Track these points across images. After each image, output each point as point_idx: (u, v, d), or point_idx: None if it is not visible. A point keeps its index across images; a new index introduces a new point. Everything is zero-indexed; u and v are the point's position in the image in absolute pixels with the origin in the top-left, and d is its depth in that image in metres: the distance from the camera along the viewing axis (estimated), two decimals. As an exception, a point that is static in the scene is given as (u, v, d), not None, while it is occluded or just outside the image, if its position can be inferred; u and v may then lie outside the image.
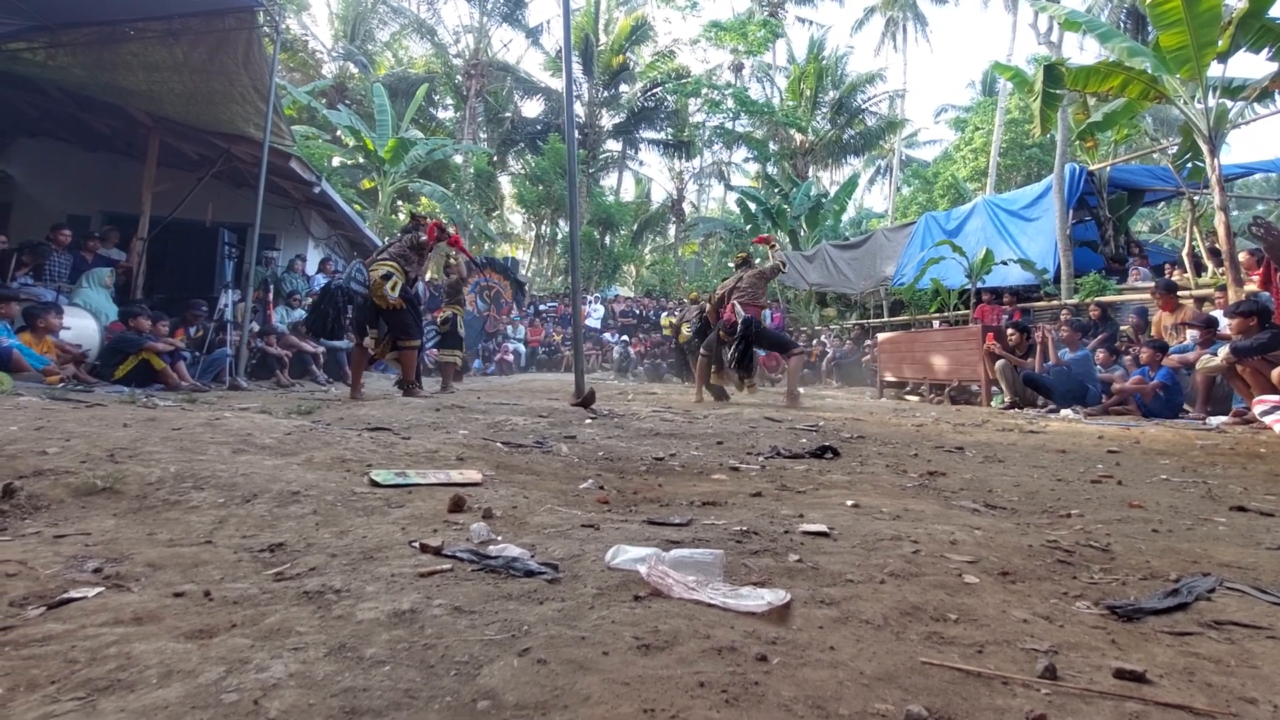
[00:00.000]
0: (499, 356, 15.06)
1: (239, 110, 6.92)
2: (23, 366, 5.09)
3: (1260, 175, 15.77)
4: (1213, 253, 7.90)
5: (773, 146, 25.12)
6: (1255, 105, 7.78)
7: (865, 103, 25.06)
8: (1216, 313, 6.16)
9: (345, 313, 5.63)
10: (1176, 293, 7.05)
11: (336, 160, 18.95)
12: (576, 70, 25.16)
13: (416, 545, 1.40)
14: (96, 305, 6.68)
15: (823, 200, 19.26)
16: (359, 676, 0.83)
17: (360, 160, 17.85)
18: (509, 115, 27.10)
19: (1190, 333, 5.96)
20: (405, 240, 5.67)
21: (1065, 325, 7.38)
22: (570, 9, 5.46)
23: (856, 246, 14.82)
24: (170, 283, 8.23)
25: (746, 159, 29.66)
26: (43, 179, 9.16)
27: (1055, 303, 9.36)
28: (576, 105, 25.81)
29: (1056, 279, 9.54)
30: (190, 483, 1.77)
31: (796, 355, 7.24)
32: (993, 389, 7.38)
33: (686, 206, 30.68)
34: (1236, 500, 2.20)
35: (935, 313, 11.78)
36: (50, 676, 0.81)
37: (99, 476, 1.73)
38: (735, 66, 27.83)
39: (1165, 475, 2.72)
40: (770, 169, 24.34)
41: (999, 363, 7.08)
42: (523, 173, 26.38)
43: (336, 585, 1.15)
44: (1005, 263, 10.09)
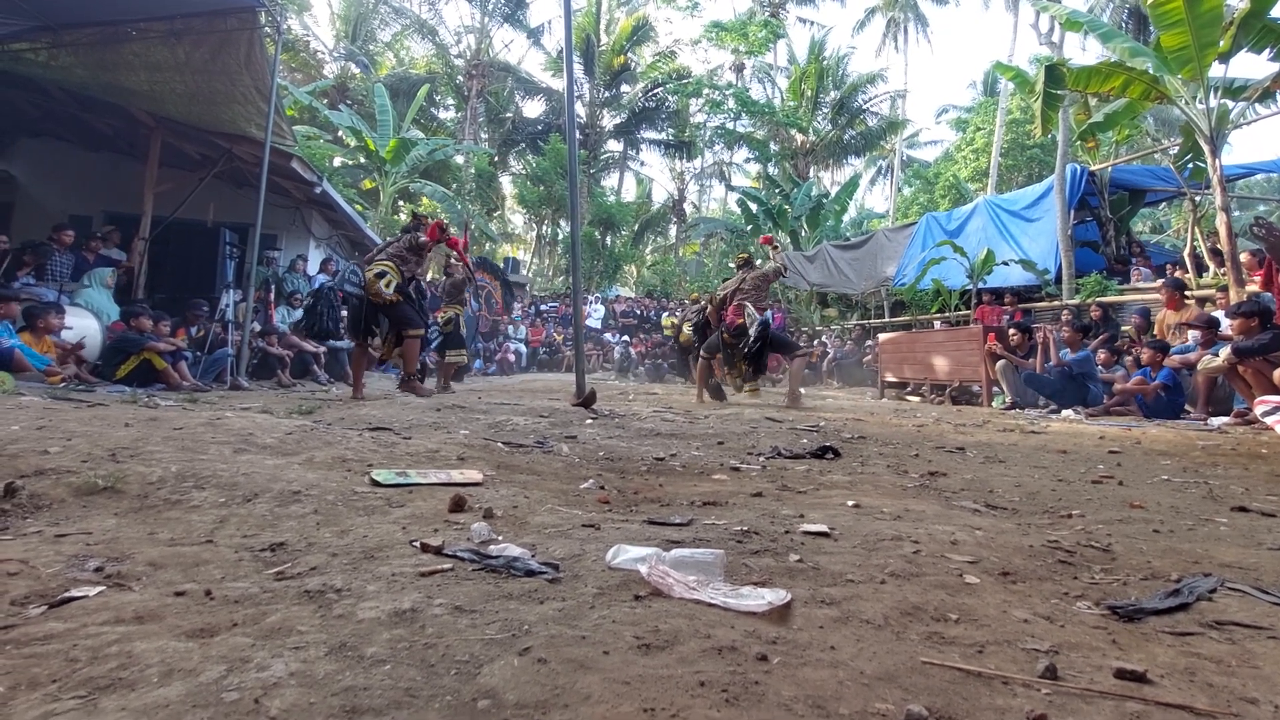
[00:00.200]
0: (500, 356, 15.06)
1: (240, 110, 6.94)
2: (24, 366, 5.09)
3: (1262, 175, 15.74)
4: (1214, 253, 7.89)
5: (774, 147, 25.09)
6: (1257, 105, 7.79)
7: (866, 103, 25.06)
8: (1218, 313, 6.15)
9: (338, 313, 5.62)
10: (1184, 291, 7.03)
11: (338, 160, 18.96)
12: (577, 71, 25.18)
13: (417, 545, 1.41)
14: (98, 305, 6.69)
15: (824, 201, 19.25)
16: (359, 675, 0.83)
17: (361, 160, 17.86)
18: (510, 115, 27.10)
19: (1191, 333, 5.95)
20: (404, 240, 5.67)
21: (1066, 326, 7.37)
22: (571, 9, 5.46)
23: (857, 247, 14.81)
24: (172, 283, 8.26)
25: (747, 159, 29.65)
26: (45, 179, 9.17)
27: (1056, 303, 9.34)
28: (577, 105, 25.85)
29: (1058, 279, 9.52)
30: (191, 482, 1.78)
31: (799, 357, 7.23)
32: (994, 389, 7.37)
33: (687, 207, 30.66)
34: (1238, 501, 2.20)
35: (936, 313, 11.77)
36: (51, 675, 0.82)
37: (100, 476, 1.74)
38: (736, 67, 27.81)
39: (1166, 476, 2.71)
40: (771, 169, 24.33)
41: (999, 363, 7.08)
42: (524, 173, 26.38)
43: (337, 584, 1.15)
44: (1006, 263, 10.08)
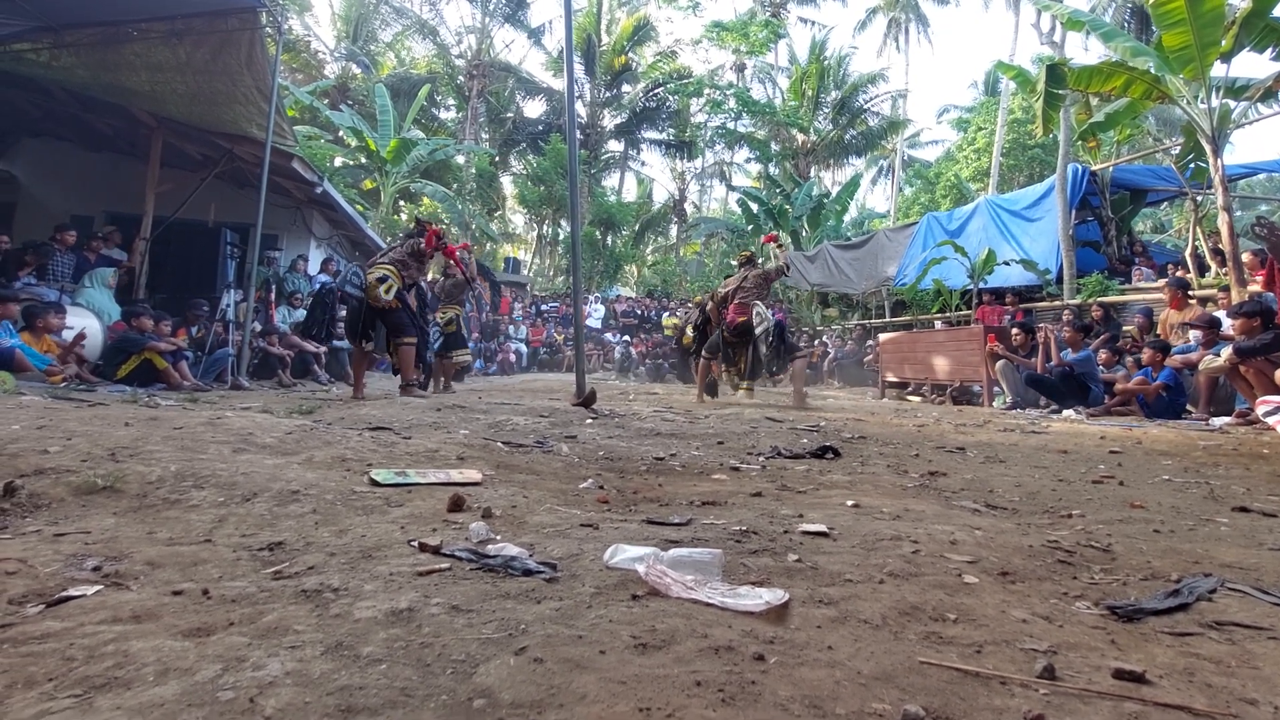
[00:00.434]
0: (501, 356, 15.07)
1: (242, 110, 6.94)
2: (25, 366, 5.10)
3: (1264, 175, 15.72)
4: (1216, 253, 7.88)
5: (774, 147, 25.08)
6: (1259, 105, 7.78)
7: (867, 103, 25.04)
8: (1220, 313, 6.14)
9: (336, 314, 5.64)
10: (1188, 291, 7.02)
11: (339, 160, 18.97)
12: (578, 71, 25.18)
13: (415, 544, 1.40)
14: (100, 305, 6.70)
15: (824, 200, 19.25)
16: (355, 675, 0.83)
17: (362, 160, 17.88)
18: (511, 115, 27.11)
19: (1193, 333, 5.94)
20: (407, 245, 5.69)
21: (1067, 325, 7.36)
22: (572, 10, 5.46)
23: (858, 247, 14.80)
24: (173, 283, 8.27)
25: (748, 159, 29.65)
26: (46, 179, 9.18)
27: (1057, 303, 9.34)
28: (578, 105, 25.85)
29: (1059, 279, 9.52)
30: (190, 481, 1.78)
31: (800, 358, 7.23)
32: (995, 389, 7.36)
33: (688, 207, 30.68)
34: (1239, 501, 2.19)
35: (937, 313, 11.76)
36: (48, 674, 0.81)
37: (100, 475, 1.74)
38: (737, 67, 27.80)
39: (1167, 476, 2.71)
40: (772, 169, 24.33)
41: (1000, 363, 7.07)
42: (524, 173, 26.39)
43: (335, 584, 1.15)
44: (1007, 263, 10.07)
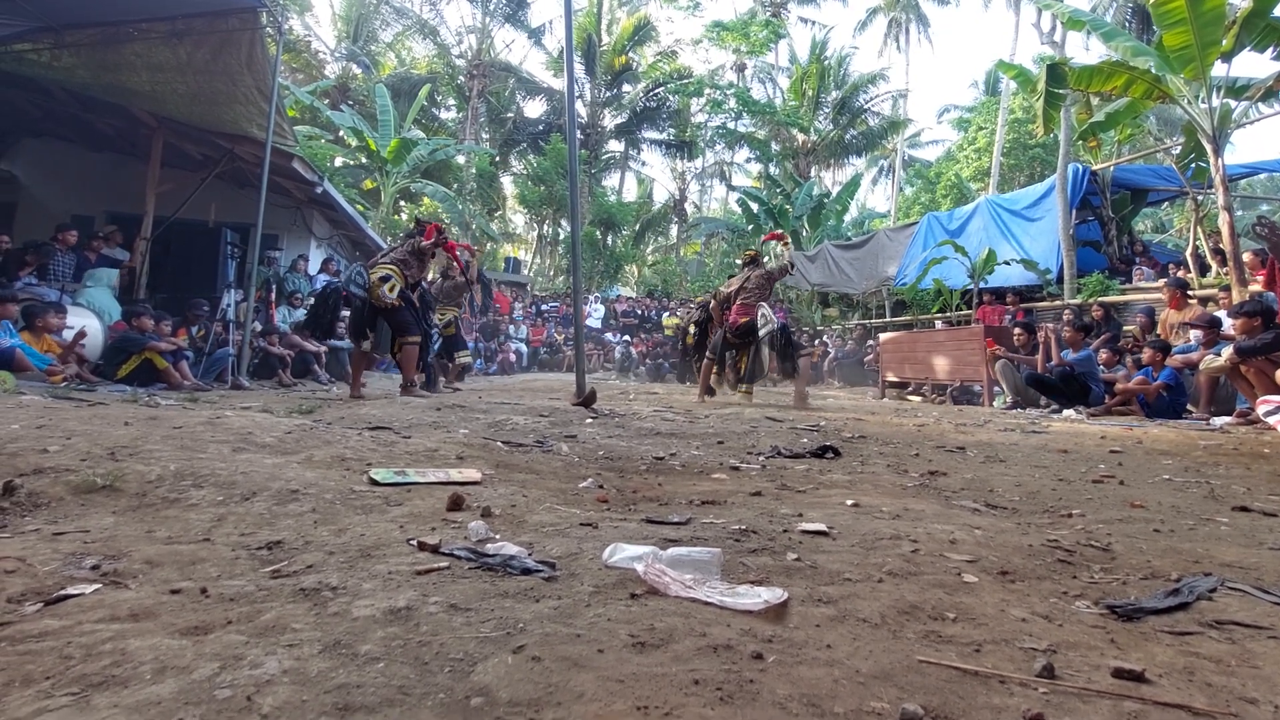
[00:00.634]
0: (501, 356, 15.07)
1: (242, 111, 6.94)
2: (25, 366, 5.10)
3: (1264, 175, 15.72)
4: (1217, 253, 7.87)
5: (775, 147, 25.09)
6: (1259, 105, 7.76)
7: (868, 103, 25.05)
8: (1220, 313, 6.13)
9: (339, 313, 5.63)
10: (1187, 291, 7.02)
11: (339, 160, 18.97)
12: (579, 70, 25.18)
13: (414, 543, 1.40)
14: (100, 305, 6.71)
15: (825, 200, 19.24)
16: (353, 673, 0.82)
17: (363, 160, 17.88)
18: (511, 115, 27.10)
19: (1194, 333, 5.93)
20: (407, 245, 5.69)
21: (1068, 325, 7.36)
22: (572, 10, 5.46)
23: (859, 246, 14.80)
24: (173, 282, 8.26)
25: (749, 159, 29.64)
26: (47, 179, 9.19)
27: (1058, 303, 9.33)
28: (578, 105, 25.84)
29: (1059, 279, 9.51)
30: (190, 481, 1.78)
31: (802, 356, 7.22)
32: (995, 389, 7.36)
33: (688, 207, 30.68)
34: (1239, 500, 2.19)
35: (937, 313, 11.76)
36: (45, 672, 0.81)
37: (99, 474, 1.74)
38: (738, 67, 27.80)
39: (1168, 475, 2.70)
40: (772, 169, 24.33)
41: (999, 363, 7.07)
42: (525, 173, 26.38)
43: (333, 583, 1.15)
44: (1008, 263, 10.06)
